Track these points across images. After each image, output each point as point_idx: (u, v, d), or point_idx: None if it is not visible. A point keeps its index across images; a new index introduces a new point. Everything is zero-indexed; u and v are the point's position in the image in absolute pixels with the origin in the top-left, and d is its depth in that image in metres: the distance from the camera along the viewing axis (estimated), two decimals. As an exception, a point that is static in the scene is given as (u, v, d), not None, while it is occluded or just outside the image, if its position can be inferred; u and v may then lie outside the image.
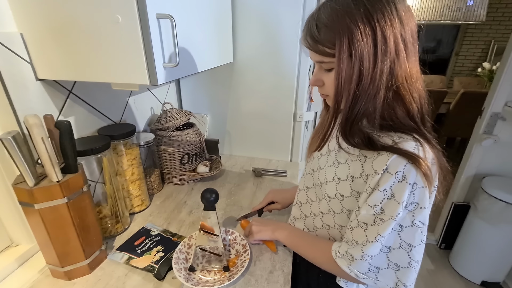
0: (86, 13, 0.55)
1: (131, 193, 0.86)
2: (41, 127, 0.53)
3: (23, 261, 0.69)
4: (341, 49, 0.45)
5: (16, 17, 0.60)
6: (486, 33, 4.16)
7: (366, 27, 0.43)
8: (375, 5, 0.43)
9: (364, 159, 0.51)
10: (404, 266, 0.49)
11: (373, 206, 0.48)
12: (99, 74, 0.60)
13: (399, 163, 0.45)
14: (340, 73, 0.46)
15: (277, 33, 1.04)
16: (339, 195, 0.56)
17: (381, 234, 0.48)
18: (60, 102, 0.73)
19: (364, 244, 0.50)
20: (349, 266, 0.53)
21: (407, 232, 0.48)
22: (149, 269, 0.66)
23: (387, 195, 0.47)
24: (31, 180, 0.55)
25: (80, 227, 0.62)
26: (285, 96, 1.14)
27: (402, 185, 0.45)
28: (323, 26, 0.47)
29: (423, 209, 0.46)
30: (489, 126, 1.61)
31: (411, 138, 0.47)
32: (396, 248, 0.49)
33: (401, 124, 0.48)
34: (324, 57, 0.49)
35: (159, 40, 0.57)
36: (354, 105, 0.47)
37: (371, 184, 0.48)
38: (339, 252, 0.55)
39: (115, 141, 0.78)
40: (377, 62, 0.45)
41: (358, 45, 0.44)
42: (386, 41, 0.44)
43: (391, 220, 0.47)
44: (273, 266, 0.69)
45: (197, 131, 1.06)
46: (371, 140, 0.49)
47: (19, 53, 0.62)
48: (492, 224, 1.56)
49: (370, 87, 0.46)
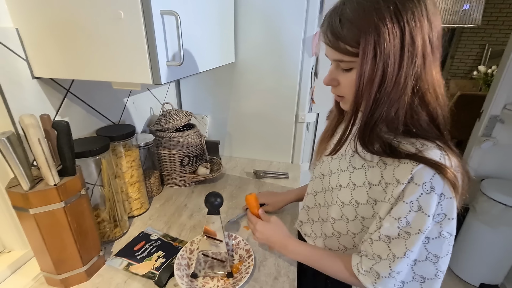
0: (87, 8, 0.52)
1: (130, 196, 0.83)
2: (37, 127, 0.50)
3: (16, 268, 0.66)
4: (366, 49, 0.42)
5: (11, 12, 0.57)
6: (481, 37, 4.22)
7: (394, 26, 0.40)
8: (405, 3, 0.41)
9: (384, 166, 0.48)
10: (430, 278, 0.47)
11: (398, 219, 0.45)
12: (99, 72, 0.58)
13: (426, 173, 0.42)
14: (362, 75, 0.44)
15: (280, 33, 1.02)
16: (354, 202, 0.53)
17: (409, 248, 0.45)
18: (57, 101, 0.70)
19: (392, 260, 0.47)
20: (374, 284, 0.50)
21: (434, 243, 0.45)
22: (149, 275, 0.64)
23: (413, 208, 0.44)
24: (26, 183, 0.52)
25: (78, 233, 0.59)
26: (287, 97, 1.12)
27: (429, 196, 0.43)
28: (347, 22, 0.43)
29: (450, 220, 0.44)
30: (488, 129, 1.62)
31: (435, 146, 0.44)
32: (422, 261, 0.47)
33: (424, 131, 0.46)
34: (345, 55, 0.46)
35: (163, 37, 0.55)
36: (375, 110, 0.45)
37: (394, 195, 0.46)
38: (362, 268, 0.52)
39: (114, 142, 0.75)
40: (402, 65, 0.42)
41: (385, 46, 0.41)
42: (414, 43, 0.41)
43: (419, 234, 0.44)
44: (278, 272, 0.67)
45: (198, 132, 1.04)
46: (392, 147, 0.46)
47: (15, 49, 0.59)
48: (491, 226, 1.57)
49: (393, 91, 0.43)
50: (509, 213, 1.48)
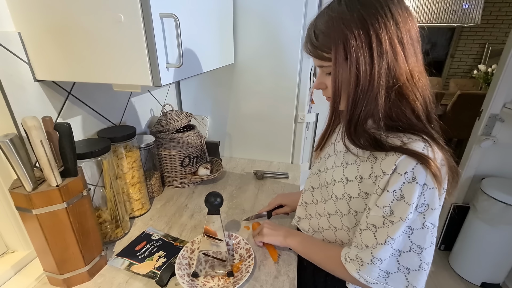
0: (87, 11, 0.53)
1: (131, 196, 0.84)
2: (39, 129, 0.51)
3: (19, 268, 0.67)
4: (337, 54, 0.47)
5: (14, 16, 0.58)
6: (481, 36, 4.22)
7: (360, 32, 0.45)
8: (368, 11, 0.45)
9: (374, 160, 0.51)
10: (415, 269, 0.49)
11: (382, 208, 0.48)
12: (100, 74, 0.59)
13: (408, 164, 0.45)
14: (336, 76, 0.49)
15: (279, 34, 1.03)
16: (346, 196, 0.55)
17: (391, 236, 0.47)
18: (59, 103, 0.71)
19: (374, 247, 0.49)
20: (359, 271, 0.52)
21: (418, 234, 0.47)
22: (151, 275, 0.65)
23: (396, 196, 0.46)
24: (29, 184, 0.53)
25: (80, 233, 0.60)
26: (286, 97, 1.13)
27: (411, 185, 0.45)
28: (320, 33, 0.49)
29: (433, 211, 0.46)
30: (488, 128, 1.62)
31: (420, 139, 0.47)
32: (406, 252, 0.48)
33: (408, 124, 0.49)
34: (324, 61, 0.51)
35: (162, 40, 0.56)
36: (355, 107, 0.49)
37: (380, 185, 0.48)
38: (348, 257, 0.54)
39: (115, 143, 0.76)
40: (374, 65, 0.46)
41: (353, 50, 0.46)
42: (381, 44, 0.45)
43: (401, 222, 0.46)
44: (278, 271, 0.67)
45: (198, 133, 1.05)
46: (378, 141, 0.49)
47: (17, 53, 0.60)
48: (492, 225, 1.56)
49: (369, 89, 0.47)
50: (510, 211, 1.48)
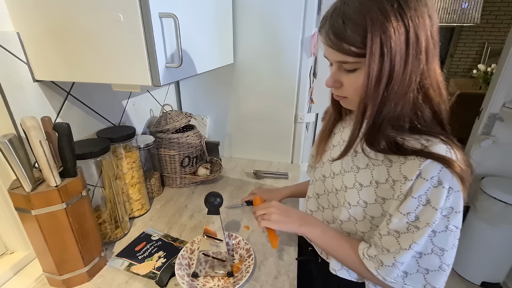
0: (86, 11, 0.53)
1: (131, 197, 0.83)
2: (38, 129, 0.51)
3: (18, 269, 0.66)
4: (373, 49, 0.41)
5: (12, 16, 0.58)
6: (480, 36, 4.22)
7: (399, 24, 0.40)
8: (408, 1, 0.40)
9: (389, 163, 0.48)
10: (434, 270, 0.48)
11: (407, 214, 0.46)
12: (99, 74, 0.59)
13: (434, 168, 0.43)
14: (370, 75, 0.43)
15: (278, 34, 1.03)
16: (362, 202, 0.53)
17: (416, 241, 0.46)
18: (58, 104, 0.71)
19: (397, 252, 0.48)
20: (377, 269, 0.51)
21: (440, 237, 0.46)
22: (150, 275, 0.64)
23: (421, 202, 0.44)
24: (28, 185, 0.53)
25: (79, 233, 0.60)
26: (286, 97, 1.13)
27: (438, 190, 0.43)
28: (351, 22, 0.42)
29: (457, 213, 0.44)
30: (488, 127, 1.62)
31: (440, 141, 0.45)
32: (427, 254, 0.47)
33: (428, 127, 0.46)
34: (349, 56, 0.44)
35: (161, 40, 0.55)
36: (382, 109, 0.45)
37: (402, 191, 0.46)
38: (367, 253, 0.53)
39: (114, 144, 0.76)
40: (408, 62, 0.42)
41: (391, 44, 0.40)
42: (418, 39, 0.41)
43: (427, 227, 0.45)
44: (278, 271, 0.67)
45: (198, 133, 1.05)
46: (398, 144, 0.46)
47: (16, 53, 0.60)
48: (492, 224, 1.56)
49: (399, 89, 0.43)
50: (510, 211, 1.48)
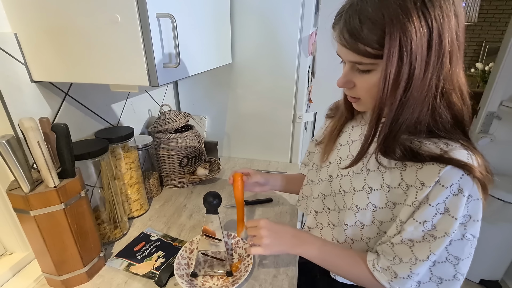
0: (84, 12, 0.53)
1: (130, 197, 0.84)
2: (37, 130, 0.51)
3: (18, 269, 0.67)
4: (392, 51, 0.38)
5: (9, 17, 0.58)
6: (478, 34, 4.23)
7: (422, 24, 0.36)
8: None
9: (403, 167, 0.46)
10: (448, 279, 0.46)
11: (423, 223, 0.43)
12: (97, 75, 0.59)
13: (454, 175, 0.40)
14: (387, 78, 0.39)
15: (276, 33, 1.03)
16: (371, 206, 0.51)
17: (434, 252, 0.44)
18: (56, 104, 0.71)
19: (414, 263, 0.46)
20: (390, 282, 0.49)
21: (456, 245, 0.44)
22: (149, 275, 0.65)
23: (439, 210, 0.42)
24: (26, 186, 0.53)
25: (78, 234, 0.60)
26: (284, 97, 1.13)
27: (457, 198, 0.40)
28: (368, 21, 0.39)
29: (475, 222, 0.43)
30: (485, 125, 1.62)
31: (460, 146, 0.42)
32: (441, 262, 0.45)
33: (448, 133, 0.44)
34: (364, 57, 0.41)
35: (159, 40, 0.56)
36: (400, 115, 0.41)
37: (418, 198, 0.43)
38: (378, 265, 0.50)
39: (113, 144, 0.76)
40: (429, 66, 0.39)
41: (412, 46, 0.37)
42: (441, 41, 0.38)
43: (445, 237, 0.42)
44: (277, 270, 0.67)
45: (196, 133, 1.05)
46: (413, 151, 0.43)
47: (13, 54, 0.60)
48: (490, 222, 1.57)
49: (419, 95, 0.40)
50: (508, 209, 1.49)
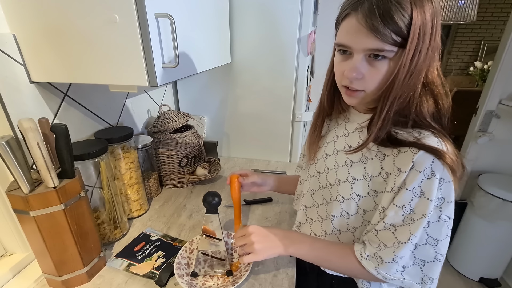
0: (82, 12, 0.53)
1: (129, 197, 0.84)
2: (36, 131, 0.51)
3: (18, 270, 0.67)
4: (414, 38, 0.40)
5: (8, 18, 0.58)
6: (477, 33, 4.23)
7: (428, 15, 0.41)
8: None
9: (382, 157, 0.49)
10: (430, 261, 0.49)
11: (402, 207, 0.47)
12: (96, 75, 0.59)
13: (426, 159, 0.44)
14: (404, 67, 0.42)
15: (275, 33, 1.03)
16: (355, 195, 0.54)
17: (414, 233, 0.46)
18: (55, 105, 0.71)
19: (397, 246, 0.48)
20: (377, 268, 0.51)
21: (434, 227, 0.47)
22: (150, 275, 0.65)
23: (416, 193, 0.45)
24: (26, 186, 0.53)
25: (78, 234, 0.60)
26: (284, 96, 1.13)
27: (431, 181, 0.44)
28: (400, 9, 0.40)
29: (449, 203, 0.46)
30: (484, 124, 1.63)
31: (431, 134, 0.46)
32: (422, 245, 0.48)
33: (423, 122, 0.46)
34: (386, 44, 0.42)
35: (158, 40, 0.56)
36: (397, 100, 0.44)
37: (396, 183, 0.46)
38: (365, 253, 0.52)
39: (112, 144, 0.76)
40: (428, 54, 0.42)
41: (425, 36, 0.41)
42: (436, 33, 0.42)
43: (423, 219, 0.45)
44: (276, 269, 0.68)
45: (196, 133, 1.05)
46: (392, 136, 0.47)
47: (12, 54, 0.59)
48: (489, 221, 1.58)
49: (411, 83, 0.43)
50: (507, 207, 1.49)
